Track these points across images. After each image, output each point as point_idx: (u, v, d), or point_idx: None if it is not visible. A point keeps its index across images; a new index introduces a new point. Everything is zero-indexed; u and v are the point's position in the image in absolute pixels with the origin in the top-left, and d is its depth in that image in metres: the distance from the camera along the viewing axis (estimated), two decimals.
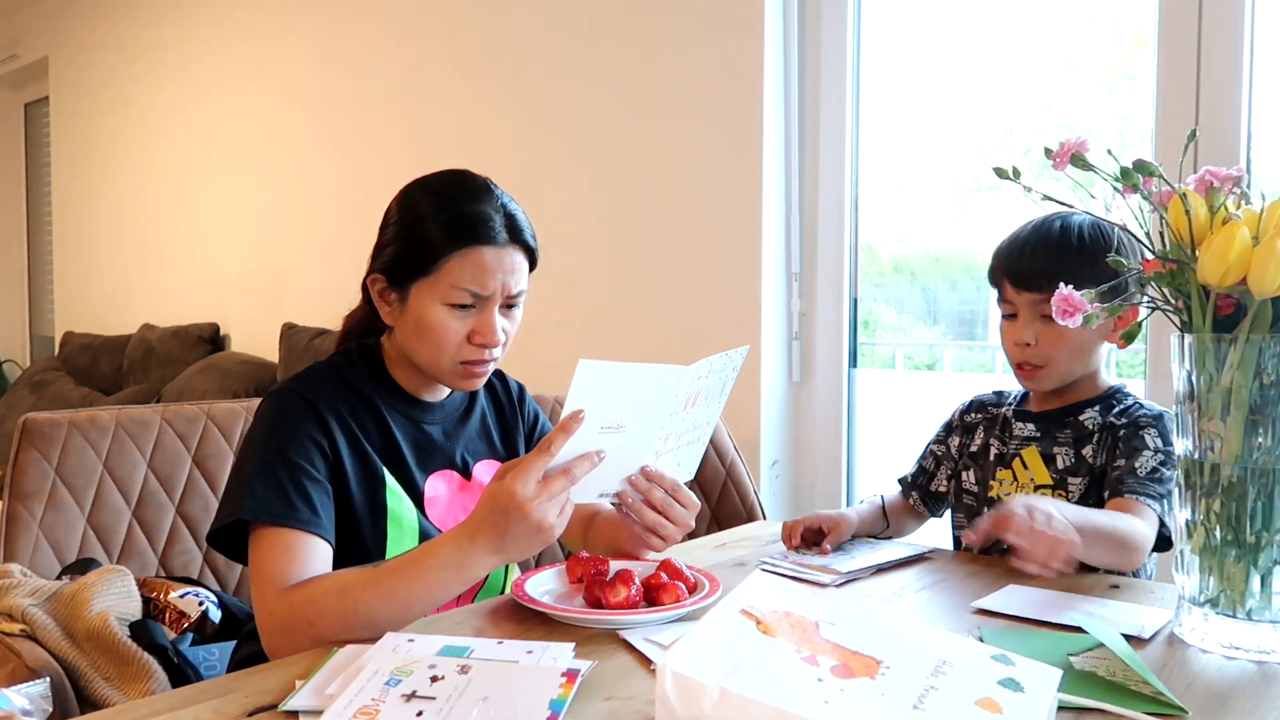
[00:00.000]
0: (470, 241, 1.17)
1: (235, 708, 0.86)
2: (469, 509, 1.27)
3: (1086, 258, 1.30)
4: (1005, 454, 1.44)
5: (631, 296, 2.61)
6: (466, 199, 1.20)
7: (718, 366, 1.16)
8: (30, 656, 1.31)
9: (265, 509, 1.10)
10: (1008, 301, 1.38)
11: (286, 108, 3.77)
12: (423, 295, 1.19)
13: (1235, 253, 0.97)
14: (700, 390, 1.15)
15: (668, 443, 1.17)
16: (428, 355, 1.21)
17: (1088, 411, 1.39)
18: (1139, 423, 1.33)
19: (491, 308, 1.20)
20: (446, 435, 1.30)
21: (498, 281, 1.18)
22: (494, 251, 1.18)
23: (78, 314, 5.10)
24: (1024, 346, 1.36)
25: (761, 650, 0.76)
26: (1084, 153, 1.10)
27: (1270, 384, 0.99)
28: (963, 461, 1.51)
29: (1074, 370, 1.38)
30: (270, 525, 1.09)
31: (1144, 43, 1.99)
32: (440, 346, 1.20)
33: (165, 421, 1.77)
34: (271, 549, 1.09)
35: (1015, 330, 1.37)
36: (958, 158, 2.41)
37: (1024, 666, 0.81)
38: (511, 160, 2.84)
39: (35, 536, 1.59)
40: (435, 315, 1.19)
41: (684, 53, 2.47)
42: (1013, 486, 1.42)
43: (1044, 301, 1.28)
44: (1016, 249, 1.37)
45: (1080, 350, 1.36)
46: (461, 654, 0.93)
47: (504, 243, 1.19)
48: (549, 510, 1.02)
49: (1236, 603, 1.01)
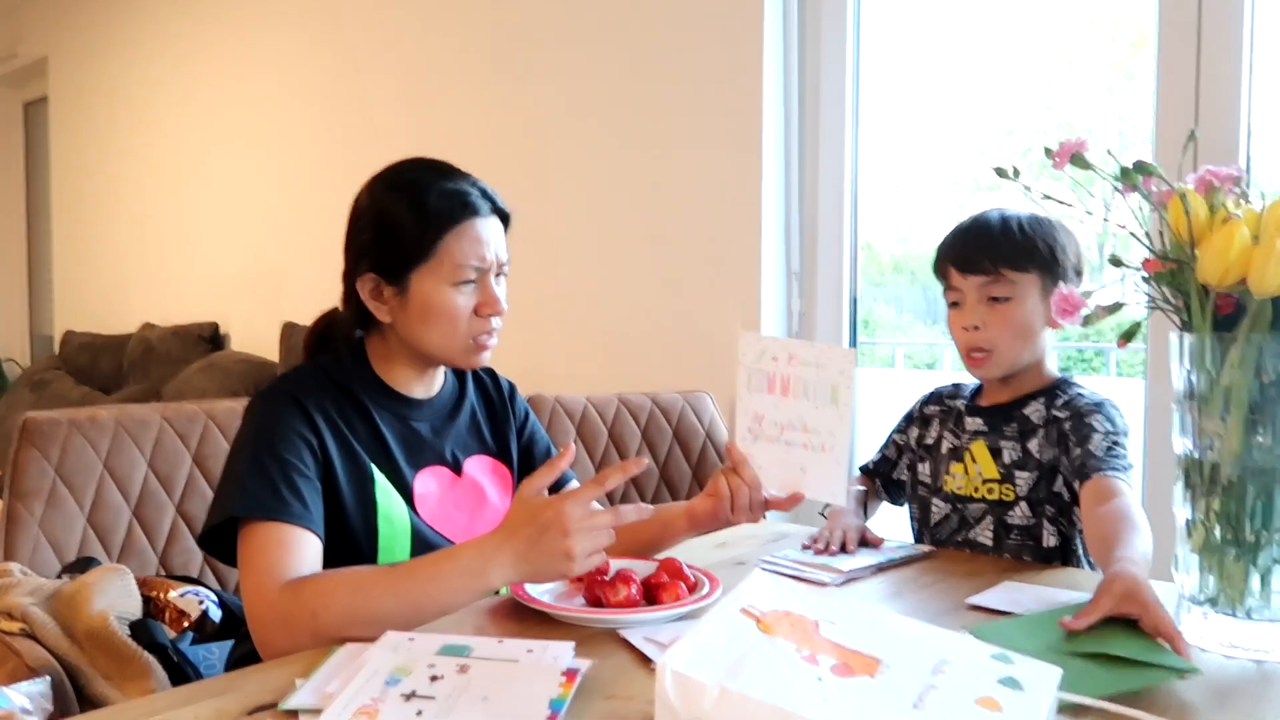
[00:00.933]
0: (462, 217, 1.20)
1: (235, 707, 0.86)
2: (460, 505, 1.27)
3: (1026, 240, 1.36)
4: (958, 447, 1.47)
5: (631, 296, 2.61)
6: (442, 179, 1.23)
7: (805, 357, 1.19)
8: (30, 655, 1.31)
9: (258, 505, 1.09)
10: (954, 289, 1.41)
11: (286, 107, 3.77)
12: (425, 281, 1.20)
13: (1235, 252, 0.97)
14: (789, 377, 1.19)
15: (763, 425, 1.21)
16: (439, 339, 1.22)
17: (1032, 405, 1.41)
18: (1081, 411, 1.35)
19: (490, 279, 1.22)
20: (435, 432, 1.30)
21: (492, 252, 1.22)
22: (483, 223, 1.22)
23: (78, 314, 5.10)
24: (972, 331, 1.39)
25: (761, 649, 0.76)
26: (1084, 152, 1.10)
27: (1270, 383, 0.99)
28: (919, 453, 1.54)
29: (1020, 356, 1.40)
30: (263, 521, 1.09)
31: (1144, 43, 1.99)
32: (453, 326, 1.21)
33: (165, 421, 1.77)
34: (265, 544, 1.08)
35: (962, 316, 1.40)
36: (958, 158, 2.41)
37: (1024, 666, 0.81)
38: (511, 160, 2.84)
39: (35, 536, 1.59)
40: (443, 297, 1.20)
41: (684, 53, 2.47)
42: (964, 480, 1.44)
43: (988, 284, 1.35)
44: (959, 237, 1.42)
45: (1024, 333, 1.38)
46: (462, 653, 0.93)
47: (487, 213, 1.23)
48: (585, 541, 1.03)
49: (1236, 602, 1.01)
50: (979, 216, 1.42)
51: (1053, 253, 1.36)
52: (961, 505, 1.44)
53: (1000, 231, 1.37)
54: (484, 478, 1.32)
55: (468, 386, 1.37)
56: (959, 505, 1.45)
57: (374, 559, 1.18)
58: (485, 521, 1.29)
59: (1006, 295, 1.36)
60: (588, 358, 2.69)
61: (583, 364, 2.69)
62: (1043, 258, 1.34)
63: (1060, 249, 1.37)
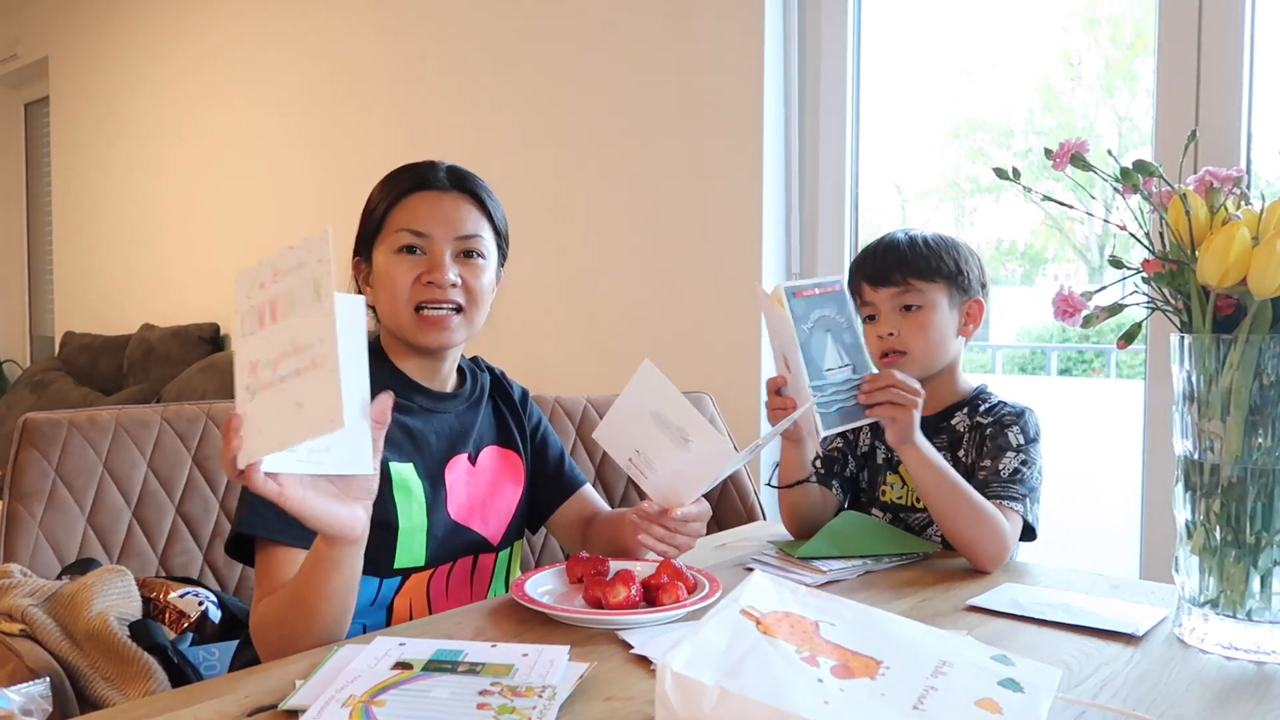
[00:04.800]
0: (413, 188, 1.25)
1: (235, 708, 0.86)
2: (473, 495, 1.30)
3: (932, 253, 1.44)
4: (892, 458, 1.51)
5: (631, 296, 2.61)
6: (411, 165, 1.29)
7: (287, 264, 0.91)
8: (30, 656, 1.31)
9: (264, 526, 1.11)
10: (867, 304, 1.47)
11: (286, 107, 3.77)
12: (379, 252, 1.26)
13: (1235, 253, 0.97)
14: (276, 300, 0.91)
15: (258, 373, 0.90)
16: (387, 308, 1.25)
17: (958, 415, 1.48)
18: (1003, 421, 1.43)
19: (438, 249, 1.23)
20: (463, 422, 1.33)
21: (439, 222, 1.23)
22: (434, 195, 1.25)
23: (78, 314, 5.10)
24: (887, 338, 1.45)
25: (761, 650, 0.76)
26: (1084, 153, 1.10)
27: (1270, 384, 0.99)
28: (856, 460, 1.57)
29: (933, 360, 1.45)
30: (270, 543, 1.12)
31: (1144, 43, 1.99)
32: (394, 293, 1.23)
33: (165, 421, 1.77)
34: (269, 566, 1.12)
35: (877, 326, 1.46)
36: (958, 158, 2.41)
37: (1024, 667, 0.81)
38: (510, 160, 2.84)
39: (35, 536, 1.59)
40: (387, 263, 1.24)
41: (684, 52, 2.47)
42: (903, 491, 1.50)
43: (899, 294, 1.43)
44: (869, 255, 1.49)
45: (937, 339, 1.44)
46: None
47: (446, 187, 1.26)
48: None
49: (1236, 603, 1.01)
50: (887, 236, 1.49)
51: (957, 265, 1.44)
52: (905, 515, 1.49)
53: (908, 247, 1.45)
54: (495, 463, 1.36)
55: (485, 388, 1.40)
56: (900, 515, 1.49)
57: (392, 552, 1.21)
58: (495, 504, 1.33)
59: (918, 304, 1.43)
60: (588, 358, 2.69)
61: (583, 364, 2.69)
62: (949, 269, 1.43)
63: (964, 261, 1.45)
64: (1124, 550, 2.11)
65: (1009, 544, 1.33)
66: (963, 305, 1.45)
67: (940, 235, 1.48)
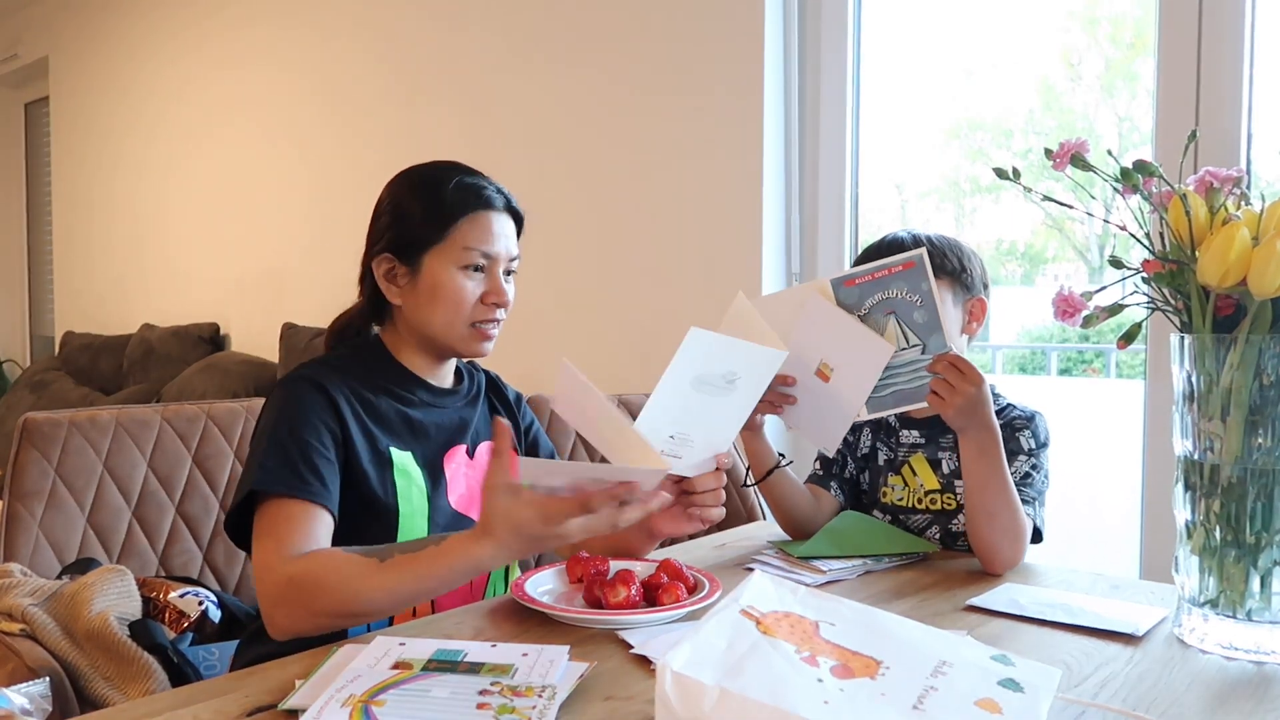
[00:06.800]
0: (478, 206, 1.26)
1: (235, 708, 0.86)
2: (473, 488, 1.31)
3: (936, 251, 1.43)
4: (894, 460, 1.51)
5: (631, 296, 2.61)
6: (465, 174, 1.30)
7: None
8: (30, 656, 1.31)
9: (274, 480, 1.12)
10: None
11: (286, 108, 3.77)
12: (435, 262, 1.25)
13: (1235, 253, 0.97)
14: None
15: None
16: (443, 320, 1.26)
17: None
18: (1014, 424, 1.42)
19: (498, 270, 1.27)
20: (462, 417, 1.34)
21: (502, 245, 1.27)
22: (497, 216, 1.28)
23: (78, 314, 5.10)
24: None
25: (761, 650, 0.76)
26: (1084, 153, 1.10)
27: (1270, 384, 0.99)
28: (857, 462, 1.57)
29: None
30: (278, 497, 1.12)
31: (1144, 43, 1.99)
32: (456, 308, 1.25)
33: (165, 421, 1.77)
34: (277, 519, 1.11)
35: None
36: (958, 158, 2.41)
37: (1024, 667, 0.81)
38: (511, 160, 2.84)
39: (35, 536, 1.59)
40: (450, 278, 1.25)
41: (685, 53, 2.47)
42: (905, 493, 1.49)
43: None
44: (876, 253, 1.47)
45: None
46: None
47: (502, 208, 1.29)
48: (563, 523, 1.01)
49: (1236, 603, 1.01)
50: (890, 235, 1.49)
51: (961, 263, 1.44)
52: (905, 516, 1.49)
53: (912, 244, 1.45)
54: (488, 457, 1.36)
55: (481, 386, 1.41)
56: (900, 517, 1.49)
57: (394, 538, 1.21)
58: None
59: None
60: (588, 358, 2.69)
61: (583, 364, 2.68)
62: (953, 266, 1.43)
63: (967, 260, 1.45)
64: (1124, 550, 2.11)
65: (1025, 550, 1.33)
66: (966, 303, 1.45)
67: (943, 235, 1.48)
